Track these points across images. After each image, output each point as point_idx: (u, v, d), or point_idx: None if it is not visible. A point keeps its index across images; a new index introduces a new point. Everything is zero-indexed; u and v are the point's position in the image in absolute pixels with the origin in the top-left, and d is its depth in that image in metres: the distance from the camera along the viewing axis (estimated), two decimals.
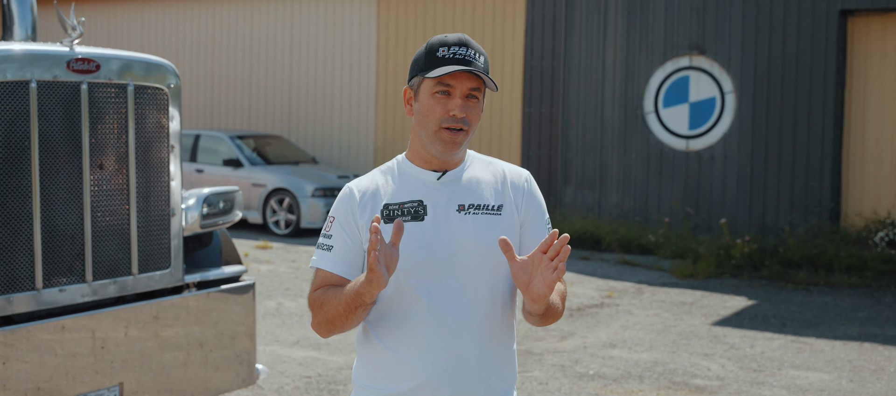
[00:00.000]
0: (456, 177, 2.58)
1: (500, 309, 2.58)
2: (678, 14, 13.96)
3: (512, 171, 2.65)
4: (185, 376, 5.06)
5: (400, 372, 2.52)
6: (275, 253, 13.12)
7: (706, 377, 7.20)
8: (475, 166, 2.62)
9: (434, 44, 2.52)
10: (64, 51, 4.50)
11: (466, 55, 2.49)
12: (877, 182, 12.91)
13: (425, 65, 2.52)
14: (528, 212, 2.61)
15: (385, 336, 2.55)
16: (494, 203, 2.57)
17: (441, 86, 2.49)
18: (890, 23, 12.78)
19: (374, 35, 17.06)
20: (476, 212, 2.54)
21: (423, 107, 2.52)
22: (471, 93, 2.50)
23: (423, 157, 2.58)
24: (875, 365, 7.64)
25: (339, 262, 2.55)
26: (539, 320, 2.53)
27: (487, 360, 2.55)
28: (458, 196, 2.56)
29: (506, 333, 2.61)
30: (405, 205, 2.53)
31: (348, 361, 7.36)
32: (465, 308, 2.51)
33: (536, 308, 2.44)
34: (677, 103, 14.06)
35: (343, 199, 2.59)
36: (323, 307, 2.52)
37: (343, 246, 2.56)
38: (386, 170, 2.63)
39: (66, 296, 4.52)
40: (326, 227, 2.60)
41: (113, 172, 4.71)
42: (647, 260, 12.94)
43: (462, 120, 2.50)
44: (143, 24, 19.60)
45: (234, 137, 16.05)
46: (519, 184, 2.62)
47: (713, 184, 13.78)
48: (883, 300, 10.47)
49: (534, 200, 2.63)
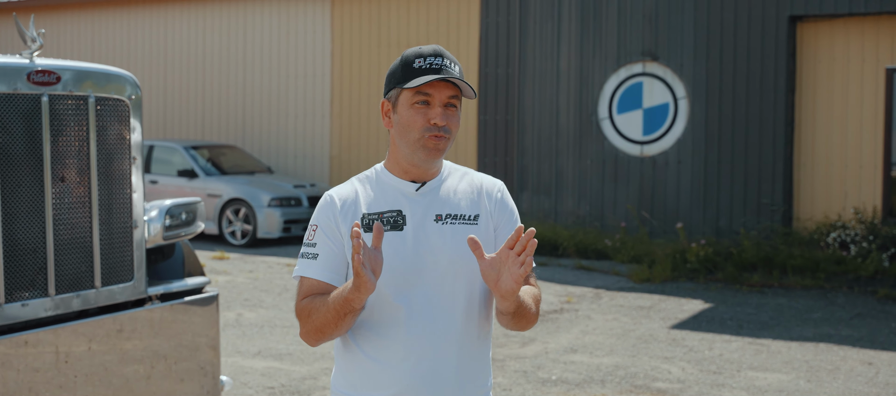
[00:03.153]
0: (434, 187, 2.62)
1: (477, 317, 2.61)
2: (631, 21, 14.10)
3: (487, 182, 2.69)
4: (149, 389, 5.02)
5: (379, 380, 2.54)
6: (232, 263, 13.03)
7: (667, 380, 7.27)
8: (452, 177, 2.66)
9: (409, 56, 2.55)
10: (24, 63, 4.45)
11: (443, 65, 2.52)
12: (827, 184, 13.14)
13: (402, 76, 2.54)
14: (500, 219, 2.65)
15: (364, 344, 2.57)
16: (471, 213, 2.61)
17: (420, 96, 2.52)
18: (838, 28, 13.02)
19: (328, 43, 17.04)
20: (453, 222, 2.58)
21: (404, 119, 2.54)
22: (449, 101, 2.54)
23: (402, 167, 2.60)
24: (831, 365, 7.77)
25: (324, 270, 2.56)
26: (512, 321, 2.56)
27: (465, 367, 2.58)
28: (436, 206, 2.59)
29: (483, 340, 2.64)
30: (384, 215, 2.56)
31: (311, 371, 7.34)
32: (443, 316, 2.54)
33: (506, 305, 2.47)
34: (631, 109, 14.20)
35: (324, 207, 2.60)
36: (311, 316, 2.52)
37: (327, 253, 2.57)
38: (364, 178, 2.65)
39: (28, 311, 4.47)
40: (309, 236, 2.60)
41: (75, 185, 4.66)
42: (603, 265, 13.05)
43: (443, 128, 2.53)
44: (94, 33, 19.40)
45: (188, 148, 15.93)
46: (493, 194, 2.67)
47: (667, 188, 13.93)
48: (835, 300, 10.64)
49: (506, 208, 2.68)
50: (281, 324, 9.08)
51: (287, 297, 10.54)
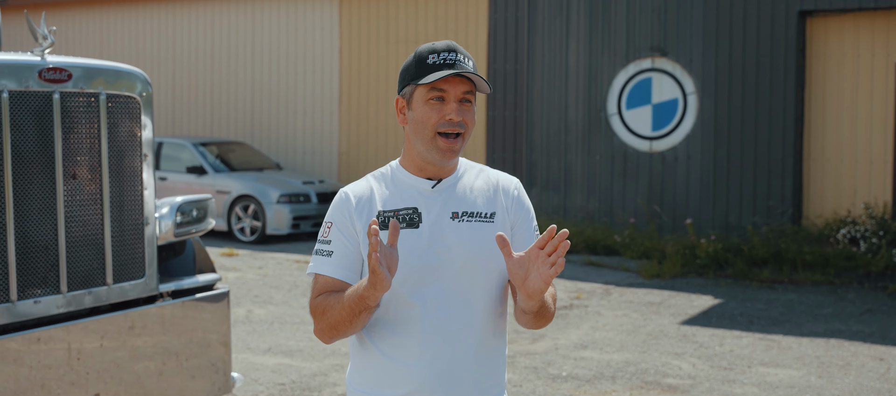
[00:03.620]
0: (450, 185, 2.61)
1: (492, 315, 2.60)
2: (640, 16, 14.07)
3: (503, 179, 2.68)
4: (161, 385, 5.02)
5: (394, 378, 2.54)
6: (241, 260, 13.05)
7: (678, 376, 7.26)
8: (468, 175, 2.65)
9: (423, 51, 2.54)
10: (35, 60, 4.45)
11: (457, 60, 2.51)
12: (837, 180, 13.10)
13: (416, 73, 2.53)
14: (516, 217, 2.65)
15: (380, 342, 2.56)
16: (487, 210, 2.60)
17: (435, 92, 2.51)
18: (848, 23, 12.98)
19: (336, 39, 17.04)
20: (469, 220, 2.57)
21: (418, 115, 2.54)
22: (464, 96, 2.53)
23: (417, 165, 2.60)
24: (842, 361, 7.75)
25: (338, 267, 2.56)
26: (533, 320, 2.55)
27: (481, 365, 2.57)
28: (452, 203, 2.58)
29: (498, 338, 2.63)
30: (400, 213, 2.55)
31: (322, 367, 7.35)
32: (459, 314, 2.53)
33: (531, 304, 2.45)
34: (640, 105, 14.17)
35: (339, 204, 2.60)
36: (326, 313, 2.52)
37: (342, 250, 2.56)
38: (379, 176, 2.65)
39: (41, 308, 4.48)
40: (324, 233, 2.60)
41: (86, 182, 4.67)
42: (613, 260, 13.03)
43: (458, 123, 2.52)
44: (103, 30, 19.43)
45: (197, 144, 15.94)
46: (509, 192, 2.66)
47: (677, 184, 13.91)
48: (846, 296, 10.61)
49: (522, 206, 2.67)
50: (291, 321, 9.09)
51: (297, 294, 10.55)
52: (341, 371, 7.22)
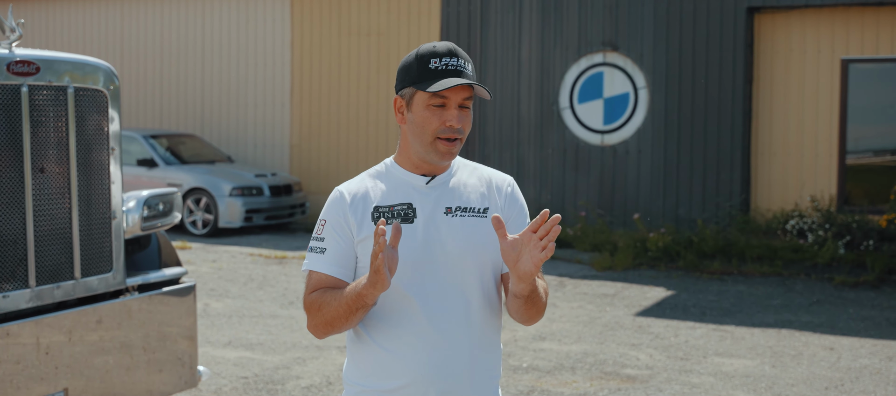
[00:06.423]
0: (444, 181, 2.66)
1: (487, 307, 2.66)
2: (591, 11, 14.21)
3: (497, 177, 2.74)
4: (129, 379, 5.01)
5: (392, 370, 2.58)
6: (194, 253, 12.97)
7: (636, 366, 7.38)
8: (462, 171, 2.71)
9: (424, 54, 2.57)
10: (3, 53, 4.42)
11: (458, 65, 2.56)
12: (784, 174, 13.36)
13: (418, 76, 2.57)
14: (510, 213, 2.70)
15: (376, 335, 2.61)
16: (480, 206, 2.66)
17: (437, 99, 2.56)
18: (794, 19, 13.23)
19: (288, 31, 16.96)
20: (463, 214, 2.63)
21: (419, 119, 2.58)
22: (464, 102, 2.59)
23: (413, 162, 2.65)
24: (794, 351, 7.93)
25: (332, 264, 2.60)
26: (524, 308, 2.58)
27: (477, 357, 2.63)
28: (446, 199, 2.64)
29: (493, 330, 2.69)
30: (395, 208, 2.60)
31: (284, 360, 7.35)
32: (454, 306, 2.59)
33: (522, 288, 2.51)
34: (592, 99, 14.32)
35: (334, 202, 2.64)
36: (321, 309, 2.56)
37: (336, 247, 2.61)
38: (374, 173, 2.70)
39: (9, 302, 4.44)
40: (318, 230, 2.64)
41: (54, 175, 4.64)
42: (565, 253, 13.16)
43: (458, 129, 2.58)
44: (48, 21, 19.13)
45: (147, 137, 15.79)
46: (503, 189, 2.72)
47: (628, 177, 14.08)
48: (794, 287, 10.84)
49: (516, 202, 2.72)
50: (249, 314, 9.08)
51: (253, 287, 10.52)
52: (303, 365, 7.24)
